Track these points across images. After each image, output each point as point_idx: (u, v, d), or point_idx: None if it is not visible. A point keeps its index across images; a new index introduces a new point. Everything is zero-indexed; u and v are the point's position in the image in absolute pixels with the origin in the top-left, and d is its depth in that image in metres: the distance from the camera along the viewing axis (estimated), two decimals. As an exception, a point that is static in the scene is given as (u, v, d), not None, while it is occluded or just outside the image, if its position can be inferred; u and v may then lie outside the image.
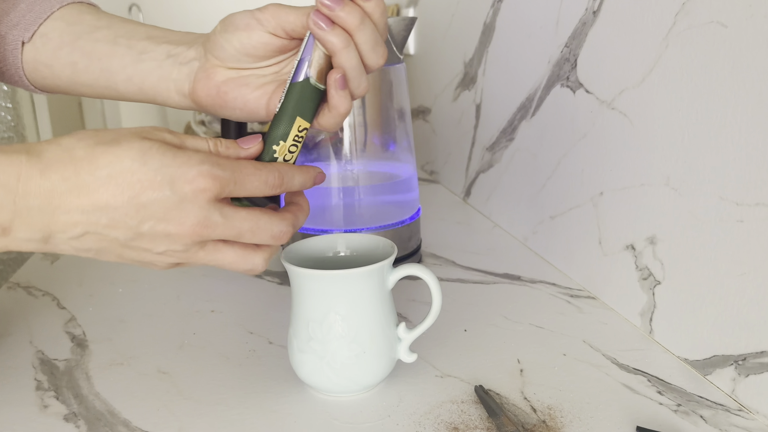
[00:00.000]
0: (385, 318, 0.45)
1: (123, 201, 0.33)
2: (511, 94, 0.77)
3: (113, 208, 0.33)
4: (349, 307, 0.43)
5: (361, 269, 0.42)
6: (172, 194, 0.33)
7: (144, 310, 0.61)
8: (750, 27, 0.39)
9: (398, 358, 0.46)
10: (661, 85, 0.48)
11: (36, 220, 0.32)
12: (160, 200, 0.33)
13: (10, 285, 0.69)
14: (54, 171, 0.32)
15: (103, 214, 0.33)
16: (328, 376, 0.43)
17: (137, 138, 0.34)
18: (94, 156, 0.33)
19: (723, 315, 0.43)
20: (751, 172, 0.40)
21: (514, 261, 0.71)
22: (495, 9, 0.80)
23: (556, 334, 0.53)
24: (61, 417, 0.44)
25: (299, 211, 0.40)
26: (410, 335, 0.46)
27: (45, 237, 0.33)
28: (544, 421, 0.41)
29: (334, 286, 0.43)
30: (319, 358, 0.43)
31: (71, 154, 0.33)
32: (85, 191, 0.32)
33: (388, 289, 0.45)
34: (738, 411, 0.42)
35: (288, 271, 0.44)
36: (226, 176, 0.34)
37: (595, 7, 0.57)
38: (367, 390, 0.45)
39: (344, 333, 0.43)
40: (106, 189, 0.32)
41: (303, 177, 0.39)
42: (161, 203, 0.33)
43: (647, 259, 0.52)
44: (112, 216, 0.33)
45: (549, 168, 0.68)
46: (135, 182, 0.33)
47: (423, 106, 1.16)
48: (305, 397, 0.46)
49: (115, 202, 0.33)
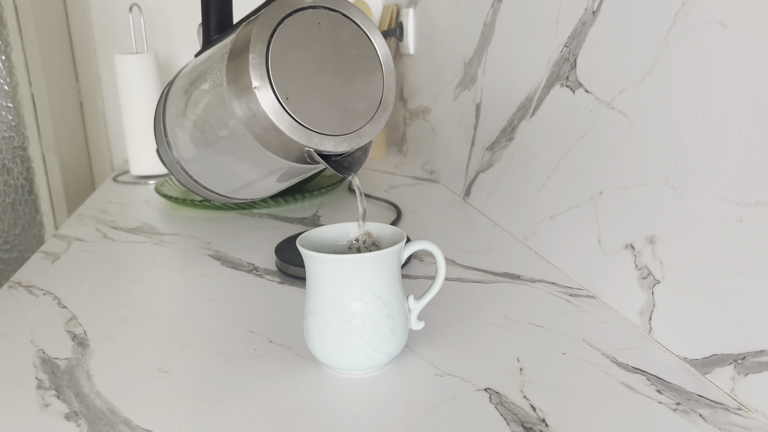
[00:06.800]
0: (402, 291, 0.50)
1: None
2: (511, 93, 0.77)
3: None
4: (382, 285, 0.47)
5: (391, 249, 0.47)
6: None
7: (145, 310, 0.61)
8: (749, 27, 0.39)
9: (410, 327, 0.51)
10: (660, 84, 0.48)
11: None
12: None
13: (10, 284, 0.69)
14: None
15: None
16: (367, 353, 0.47)
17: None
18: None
19: (722, 314, 0.44)
20: (751, 172, 0.40)
21: (514, 260, 0.71)
22: (495, 9, 0.80)
23: (556, 333, 0.53)
24: (62, 416, 0.44)
25: None
26: (419, 305, 0.51)
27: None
28: (543, 420, 0.42)
29: (371, 267, 0.46)
30: (359, 337, 0.47)
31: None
32: None
33: (401, 266, 0.50)
34: (737, 410, 0.42)
35: (316, 262, 0.47)
36: None
37: (594, 7, 0.57)
38: (393, 360, 0.50)
39: (380, 309, 0.47)
40: None
41: None
42: None
43: (647, 259, 0.52)
44: None
45: (549, 167, 0.68)
46: None
47: (423, 105, 1.16)
48: (305, 396, 0.46)
49: None
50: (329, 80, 0.52)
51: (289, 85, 0.50)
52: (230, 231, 0.86)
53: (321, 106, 0.51)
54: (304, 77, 0.51)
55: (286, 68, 0.50)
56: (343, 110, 0.52)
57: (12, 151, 1.20)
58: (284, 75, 0.50)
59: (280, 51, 0.50)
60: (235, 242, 0.81)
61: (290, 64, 0.50)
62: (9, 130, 1.19)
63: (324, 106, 0.51)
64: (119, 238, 0.85)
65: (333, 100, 0.52)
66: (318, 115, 0.51)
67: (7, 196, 1.21)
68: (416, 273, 0.68)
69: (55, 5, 1.32)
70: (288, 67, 0.50)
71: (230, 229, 0.86)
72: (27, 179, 1.22)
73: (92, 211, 0.98)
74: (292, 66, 0.50)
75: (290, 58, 0.50)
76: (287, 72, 0.50)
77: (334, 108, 0.52)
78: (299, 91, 0.50)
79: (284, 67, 0.50)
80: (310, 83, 0.51)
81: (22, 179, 1.22)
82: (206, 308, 0.61)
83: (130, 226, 0.90)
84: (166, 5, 1.41)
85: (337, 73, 0.52)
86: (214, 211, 0.96)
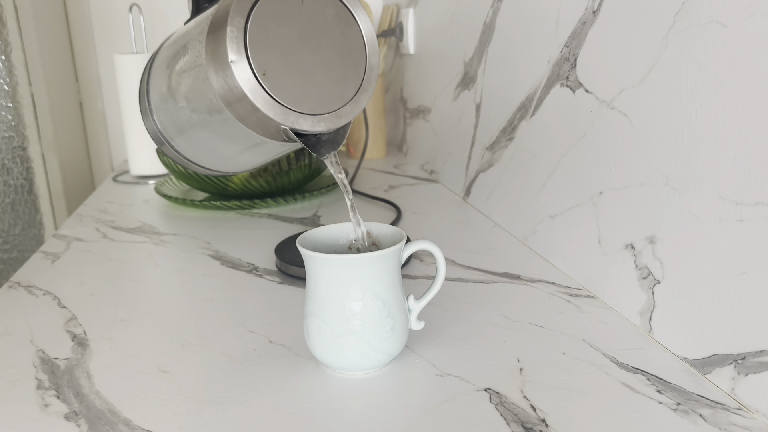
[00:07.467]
0: (402, 291, 0.50)
1: None
2: (511, 93, 0.77)
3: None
4: (382, 285, 0.47)
5: (391, 249, 0.47)
6: None
7: (145, 310, 0.61)
8: (749, 27, 0.39)
9: (410, 327, 0.51)
10: (660, 84, 0.48)
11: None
12: None
13: (10, 284, 0.69)
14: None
15: None
16: (367, 353, 0.47)
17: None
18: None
19: (722, 314, 0.44)
20: (751, 172, 0.40)
21: (514, 260, 0.71)
22: (495, 9, 0.80)
23: (556, 333, 0.53)
24: (62, 416, 0.44)
25: None
26: (419, 305, 0.51)
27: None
28: (543, 420, 0.42)
29: (371, 267, 0.46)
30: (359, 337, 0.46)
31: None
32: None
33: (401, 266, 0.50)
34: (737, 410, 0.42)
35: (316, 262, 0.47)
36: None
37: (594, 6, 0.57)
38: (393, 359, 0.50)
39: (380, 309, 0.47)
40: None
41: None
42: None
43: (647, 259, 0.52)
44: None
45: (549, 167, 0.68)
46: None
47: (423, 105, 1.16)
48: (305, 396, 0.46)
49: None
50: (310, 58, 0.51)
51: (267, 61, 0.49)
52: (230, 231, 0.86)
53: (300, 84, 0.50)
54: (283, 54, 0.50)
55: (265, 44, 0.49)
56: (323, 89, 0.51)
57: (12, 151, 1.20)
58: (262, 50, 0.49)
59: (259, 26, 0.49)
60: (235, 242, 0.81)
61: (270, 39, 0.49)
62: (9, 130, 1.19)
63: (303, 84, 0.50)
64: (119, 238, 0.85)
65: (313, 78, 0.51)
66: (296, 93, 0.50)
67: (7, 196, 1.21)
68: (416, 273, 0.68)
69: (55, 5, 1.32)
70: (267, 43, 0.49)
71: (230, 229, 0.86)
72: (27, 179, 1.22)
73: (92, 211, 0.98)
74: (271, 42, 0.49)
75: (270, 34, 0.49)
76: (266, 47, 0.49)
77: (314, 87, 0.50)
78: (278, 67, 0.49)
79: (263, 42, 0.49)
80: (290, 60, 0.50)
81: (22, 179, 1.22)
82: (206, 308, 0.61)
83: (130, 226, 0.90)
84: (166, 5, 1.41)
85: (319, 52, 0.51)
86: (214, 211, 0.96)
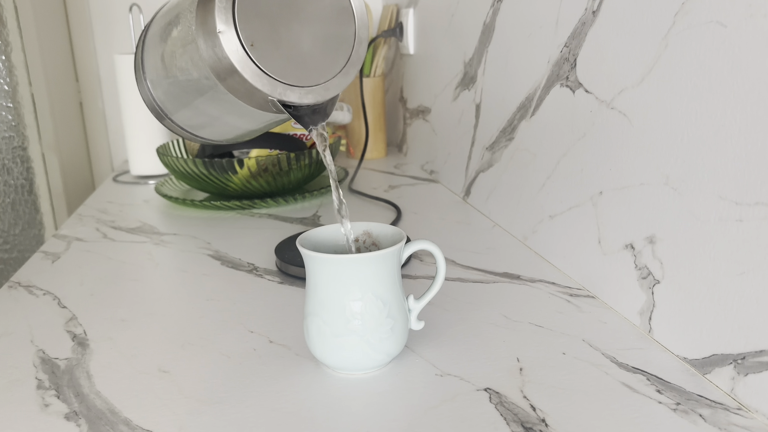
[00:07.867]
0: (402, 291, 0.50)
1: None
2: (511, 93, 0.77)
3: None
4: (383, 285, 0.47)
5: (391, 249, 0.47)
6: None
7: (145, 310, 0.61)
8: (749, 27, 0.39)
9: (410, 327, 0.51)
10: (660, 84, 0.48)
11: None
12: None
13: (10, 284, 0.69)
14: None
15: None
16: (367, 353, 0.47)
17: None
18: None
19: (722, 314, 0.44)
20: (751, 172, 0.40)
21: (514, 260, 0.71)
22: (495, 9, 0.80)
23: (556, 333, 0.54)
24: (62, 416, 0.44)
25: None
26: (419, 305, 0.51)
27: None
28: (543, 420, 0.42)
29: (371, 267, 0.46)
30: (359, 337, 0.47)
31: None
32: None
33: (400, 265, 0.50)
34: (737, 410, 0.42)
35: (316, 262, 0.47)
36: None
37: (594, 7, 0.57)
38: (393, 359, 0.50)
39: (380, 309, 0.47)
40: None
41: None
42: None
43: (646, 259, 0.52)
44: None
45: (548, 167, 0.68)
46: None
47: (423, 105, 1.16)
48: (305, 396, 0.46)
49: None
50: (299, 30, 0.51)
51: (256, 32, 0.49)
52: (230, 231, 0.86)
53: (288, 56, 0.50)
54: (272, 25, 0.50)
55: (254, 14, 0.49)
56: (312, 61, 0.51)
57: (12, 151, 1.20)
58: (251, 21, 0.49)
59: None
60: (235, 242, 0.81)
61: (259, 10, 0.49)
62: (9, 130, 1.19)
63: (291, 55, 0.50)
64: (119, 238, 0.85)
65: (301, 50, 0.51)
66: (284, 65, 0.50)
67: (7, 196, 1.21)
68: (416, 273, 0.68)
69: (55, 5, 1.32)
70: (256, 14, 0.49)
71: (230, 229, 0.86)
72: (27, 179, 1.22)
73: (92, 211, 0.98)
74: (260, 13, 0.49)
75: (259, 5, 0.49)
76: (255, 18, 0.49)
77: (302, 58, 0.51)
78: (266, 38, 0.49)
79: (252, 13, 0.49)
80: (279, 31, 0.50)
81: (22, 179, 1.22)
82: (206, 308, 0.61)
83: (130, 226, 0.90)
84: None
85: (308, 24, 0.51)
86: (214, 211, 0.96)
